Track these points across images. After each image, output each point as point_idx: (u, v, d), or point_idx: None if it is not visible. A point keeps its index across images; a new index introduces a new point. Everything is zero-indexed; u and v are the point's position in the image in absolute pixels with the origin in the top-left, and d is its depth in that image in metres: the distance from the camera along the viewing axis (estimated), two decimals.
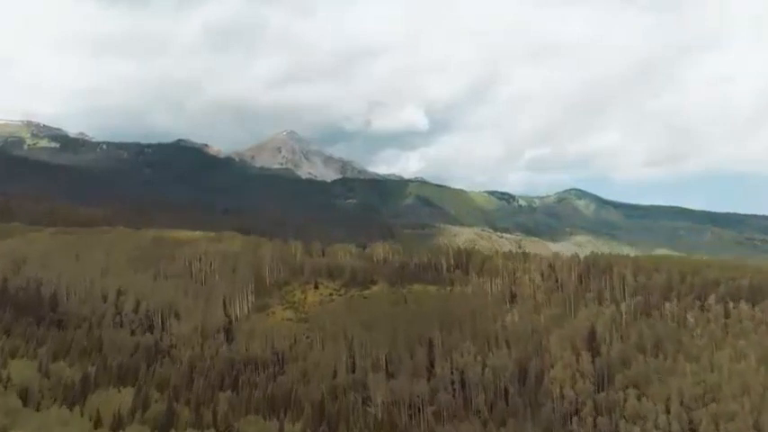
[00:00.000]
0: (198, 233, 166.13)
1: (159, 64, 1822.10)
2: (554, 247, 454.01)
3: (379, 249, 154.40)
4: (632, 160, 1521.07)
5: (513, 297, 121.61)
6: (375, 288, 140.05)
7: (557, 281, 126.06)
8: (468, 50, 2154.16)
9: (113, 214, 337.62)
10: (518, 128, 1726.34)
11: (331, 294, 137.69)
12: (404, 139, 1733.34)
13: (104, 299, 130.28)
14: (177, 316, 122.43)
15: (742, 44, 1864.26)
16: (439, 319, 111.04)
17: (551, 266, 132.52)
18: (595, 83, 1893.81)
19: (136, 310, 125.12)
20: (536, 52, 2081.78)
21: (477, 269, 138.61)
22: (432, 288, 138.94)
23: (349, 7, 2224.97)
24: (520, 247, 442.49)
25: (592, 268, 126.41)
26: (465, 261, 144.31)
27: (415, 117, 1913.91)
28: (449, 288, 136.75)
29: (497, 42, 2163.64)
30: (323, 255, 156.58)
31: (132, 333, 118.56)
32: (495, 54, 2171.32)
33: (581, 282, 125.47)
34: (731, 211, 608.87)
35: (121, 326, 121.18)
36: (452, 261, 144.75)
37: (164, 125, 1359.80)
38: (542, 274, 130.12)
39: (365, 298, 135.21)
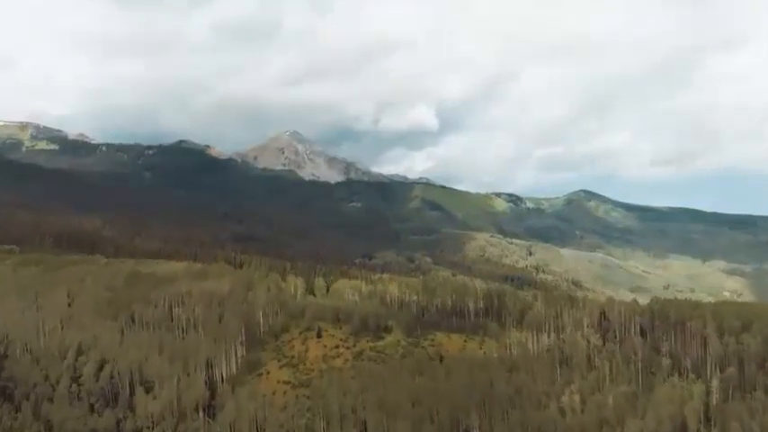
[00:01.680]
0: (181, 265, 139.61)
1: (168, 63, 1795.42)
2: (566, 253, 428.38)
3: (393, 287, 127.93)
4: (641, 159, 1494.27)
5: (564, 360, 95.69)
6: (389, 338, 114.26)
7: (615, 336, 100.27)
8: (483, 49, 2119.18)
9: (107, 224, 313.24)
10: (527, 127, 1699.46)
11: (337, 347, 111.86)
12: (412, 139, 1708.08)
13: (62, 357, 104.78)
14: (148, 385, 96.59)
15: (759, 43, 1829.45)
16: (475, 394, 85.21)
17: (605, 315, 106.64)
18: (609, 81, 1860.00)
19: (98, 376, 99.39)
20: (552, 50, 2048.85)
21: (512, 316, 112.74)
22: (457, 339, 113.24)
23: (366, 5, 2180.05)
24: (530, 254, 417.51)
25: (657, 320, 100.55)
26: (497, 305, 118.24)
27: (425, 116, 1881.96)
28: (479, 339, 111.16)
29: (513, 41, 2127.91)
30: (327, 291, 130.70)
31: (91, 409, 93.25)
32: (510, 52, 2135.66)
33: (645, 337, 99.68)
34: (743, 212, 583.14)
35: (78, 397, 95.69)
36: (481, 305, 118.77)
37: (171, 125, 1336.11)
38: (595, 327, 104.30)
39: (378, 353, 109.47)
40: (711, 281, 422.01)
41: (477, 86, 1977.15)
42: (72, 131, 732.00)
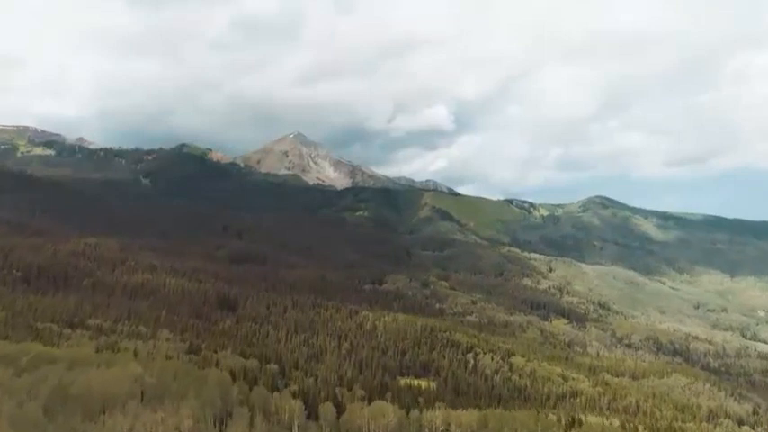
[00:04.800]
0: (130, 374, 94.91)
1: (183, 61, 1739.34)
2: (588, 268, 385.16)
3: (436, 417, 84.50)
4: (659, 159, 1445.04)
5: None
6: None
7: None
8: (503, 48, 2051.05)
9: (89, 248, 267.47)
10: (543, 126, 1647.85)
11: None
12: (426, 139, 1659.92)
13: None
14: None
15: None
16: None
17: None
18: (628, 79, 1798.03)
19: None
20: (572, 49, 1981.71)
21: None
22: None
23: (390, 5, 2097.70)
24: (551, 270, 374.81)
25: None
26: None
27: (441, 116, 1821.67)
28: None
29: (534, 39, 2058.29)
30: (337, 415, 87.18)
31: None
32: (531, 51, 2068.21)
33: None
34: (764, 213, 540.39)
35: None
36: None
37: (180, 126, 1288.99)
38: None
39: None
40: (744, 298, 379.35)
41: (495, 86, 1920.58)
42: (72, 135, 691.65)
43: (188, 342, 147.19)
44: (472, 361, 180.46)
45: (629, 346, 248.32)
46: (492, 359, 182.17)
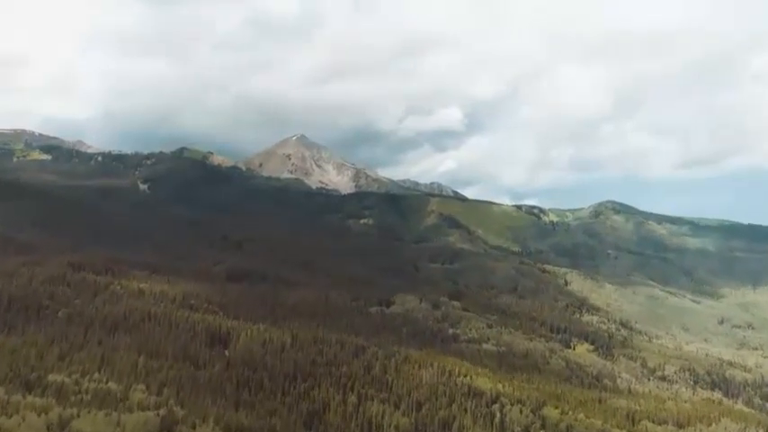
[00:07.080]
0: None
1: (191, 63, 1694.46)
2: (605, 281, 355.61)
3: None
4: (670, 161, 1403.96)
5: None
6: None
7: None
8: (518, 48, 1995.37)
9: (71, 270, 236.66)
10: (554, 127, 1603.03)
11: None
12: (437, 140, 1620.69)
13: None
14: None
15: None
16: None
17: None
18: (642, 79, 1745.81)
19: None
20: (586, 48, 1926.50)
21: None
22: None
23: (410, 4, 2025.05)
24: (566, 284, 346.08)
25: None
26: None
27: (452, 117, 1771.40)
28: None
29: (548, 38, 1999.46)
30: None
31: None
32: (544, 50, 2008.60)
33: None
34: None
35: None
36: None
37: (185, 127, 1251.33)
38: None
39: None
40: None
41: (508, 86, 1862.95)
42: (77, 137, 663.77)
43: (162, 411, 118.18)
44: (498, 414, 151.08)
45: (662, 378, 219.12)
46: (521, 412, 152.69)
